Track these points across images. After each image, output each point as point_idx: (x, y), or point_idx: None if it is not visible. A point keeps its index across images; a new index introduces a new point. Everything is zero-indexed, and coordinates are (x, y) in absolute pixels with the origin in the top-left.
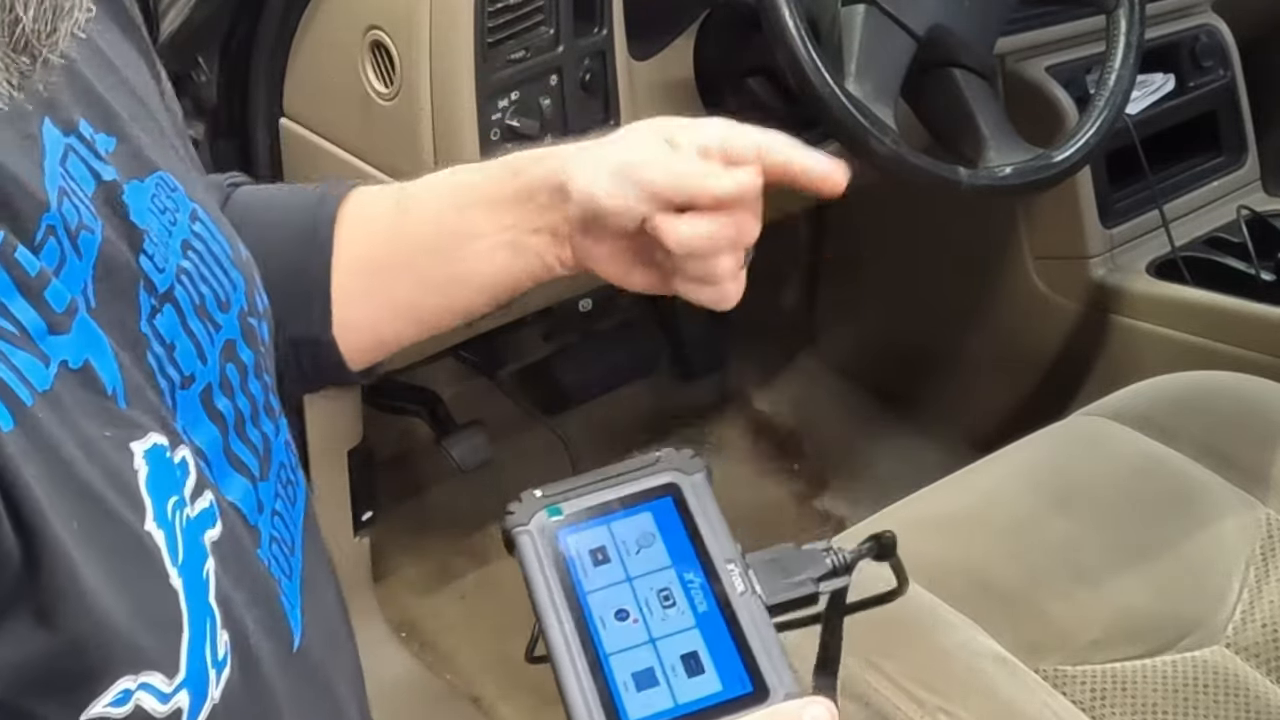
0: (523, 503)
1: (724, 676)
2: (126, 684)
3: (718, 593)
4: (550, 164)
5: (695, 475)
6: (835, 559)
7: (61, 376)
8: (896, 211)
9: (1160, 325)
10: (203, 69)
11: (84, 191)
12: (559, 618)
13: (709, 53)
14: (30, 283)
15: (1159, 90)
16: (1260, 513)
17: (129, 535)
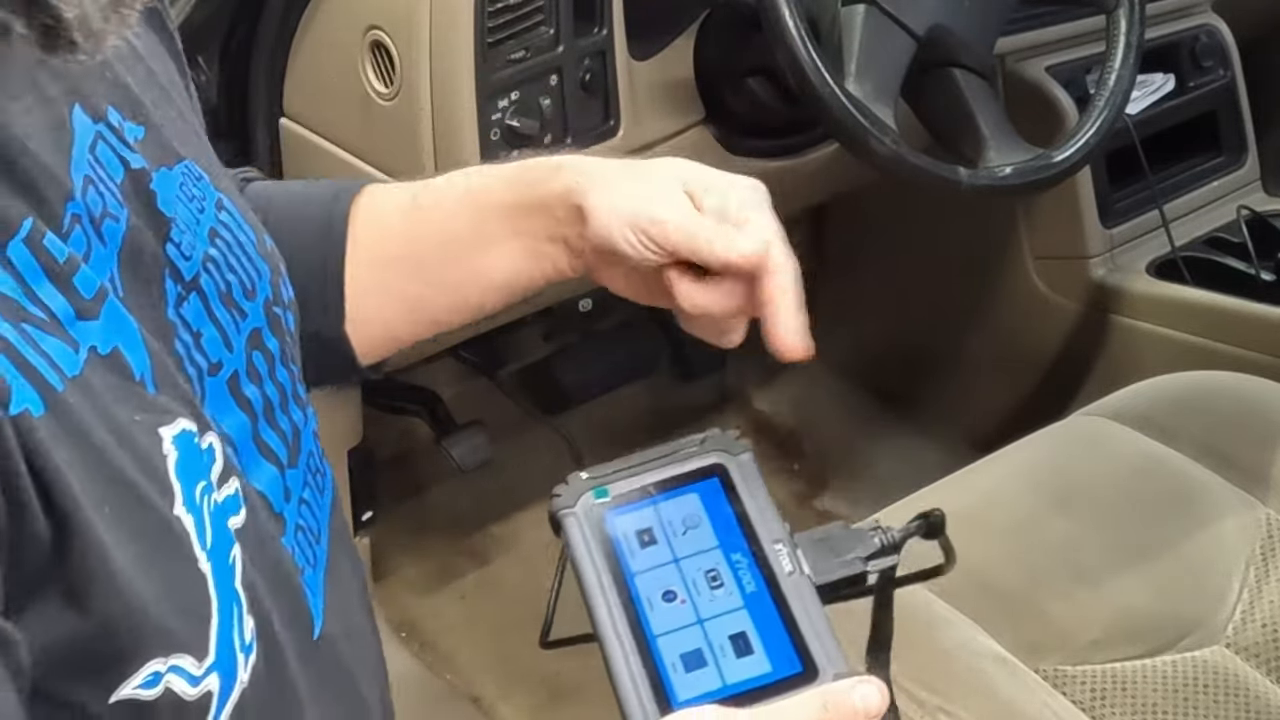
0: (569, 485)
1: (773, 657)
2: (157, 666)
3: (766, 573)
4: (568, 180)
5: (741, 456)
6: (884, 538)
7: (91, 362)
8: (896, 211)
9: (1160, 325)
10: (203, 69)
11: (112, 179)
12: (606, 599)
13: (709, 53)
14: (59, 269)
15: (1159, 90)
16: (1260, 513)
17: (158, 519)
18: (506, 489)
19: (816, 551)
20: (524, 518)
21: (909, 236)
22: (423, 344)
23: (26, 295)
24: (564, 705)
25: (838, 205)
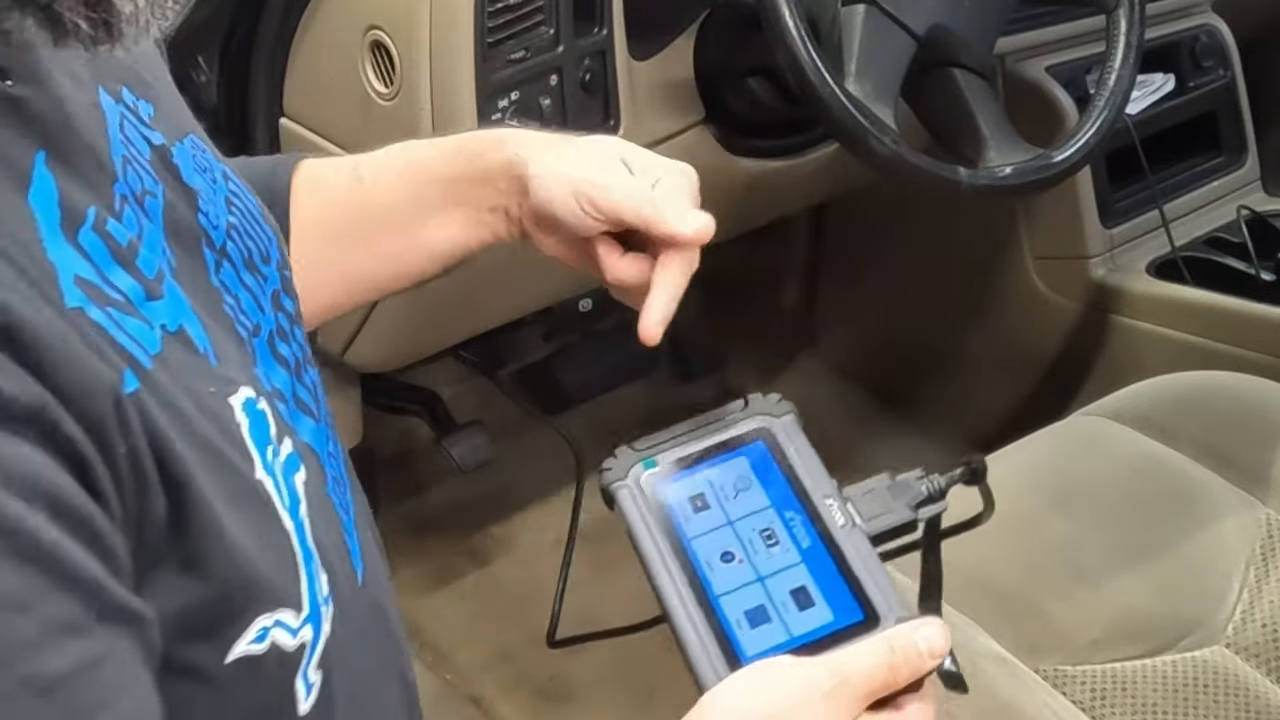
0: (618, 458)
1: (834, 607)
2: (264, 622)
3: (819, 528)
4: (509, 153)
5: (785, 417)
6: (930, 485)
7: (165, 340)
8: (896, 211)
9: (1160, 325)
10: (203, 69)
11: (143, 156)
12: (666, 566)
13: (709, 53)
14: (123, 253)
15: (1159, 90)
16: (1260, 513)
17: (247, 485)
18: (506, 489)
19: (866, 503)
20: (524, 518)
21: (909, 236)
22: (422, 344)
23: (102, 280)
24: (564, 705)
25: (838, 205)
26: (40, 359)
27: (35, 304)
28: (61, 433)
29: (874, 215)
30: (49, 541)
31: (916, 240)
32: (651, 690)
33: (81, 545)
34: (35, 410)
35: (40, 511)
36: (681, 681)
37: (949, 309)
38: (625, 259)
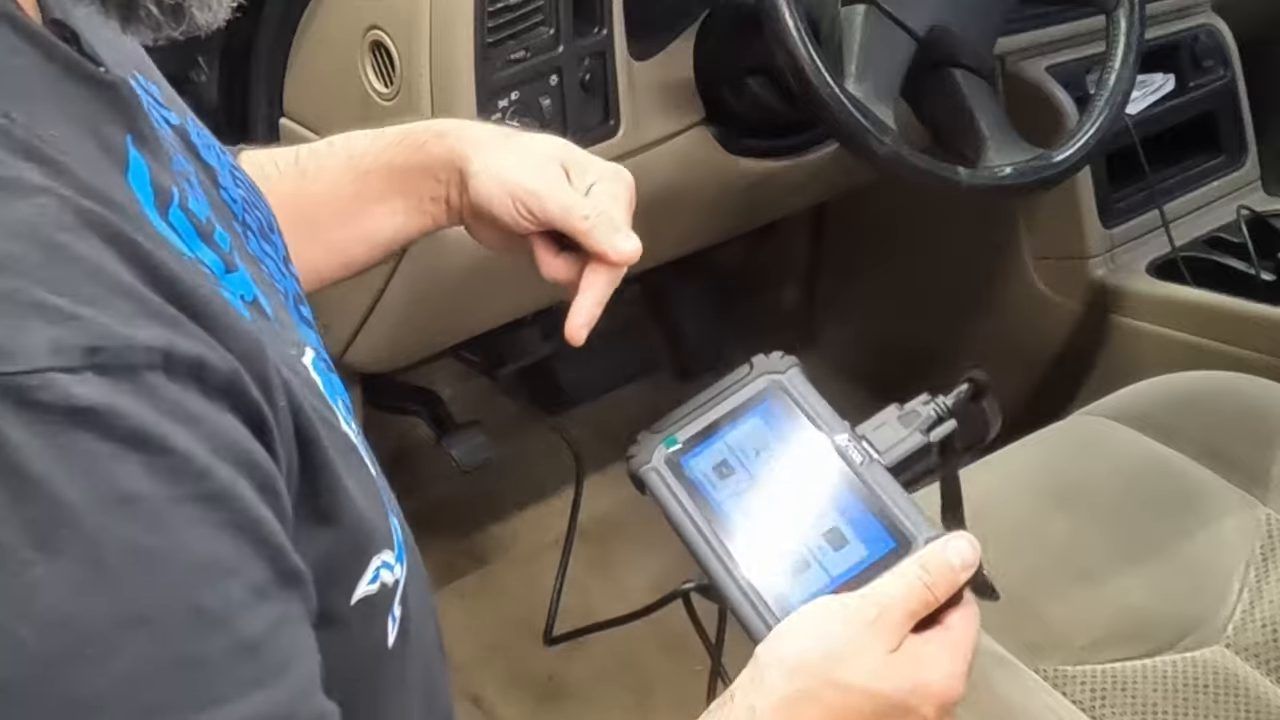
0: (640, 443)
1: (867, 541)
2: (376, 563)
3: (841, 469)
4: (450, 146)
5: (790, 371)
6: (937, 407)
7: (249, 309)
8: (896, 211)
9: (1160, 325)
10: (203, 69)
11: (170, 137)
12: (704, 536)
13: (709, 53)
14: (205, 228)
15: (1159, 90)
16: (1260, 513)
17: (342, 437)
18: (506, 489)
19: (879, 436)
20: (524, 518)
21: (909, 236)
22: (422, 345)
23: (194, 257)
24: (564, 705)
25: (838, 205)
26: (218, 326)
27: (191, 272)
28: (249, 397)
29: (874, 215)
30: (254, 509)
31: (916, 240)
32: (650, 689)
33: (271, 509)
34: (230, 378)
35: (244, 479)
36: (681, 681)
37: (949, 309)
38: (559, 258)
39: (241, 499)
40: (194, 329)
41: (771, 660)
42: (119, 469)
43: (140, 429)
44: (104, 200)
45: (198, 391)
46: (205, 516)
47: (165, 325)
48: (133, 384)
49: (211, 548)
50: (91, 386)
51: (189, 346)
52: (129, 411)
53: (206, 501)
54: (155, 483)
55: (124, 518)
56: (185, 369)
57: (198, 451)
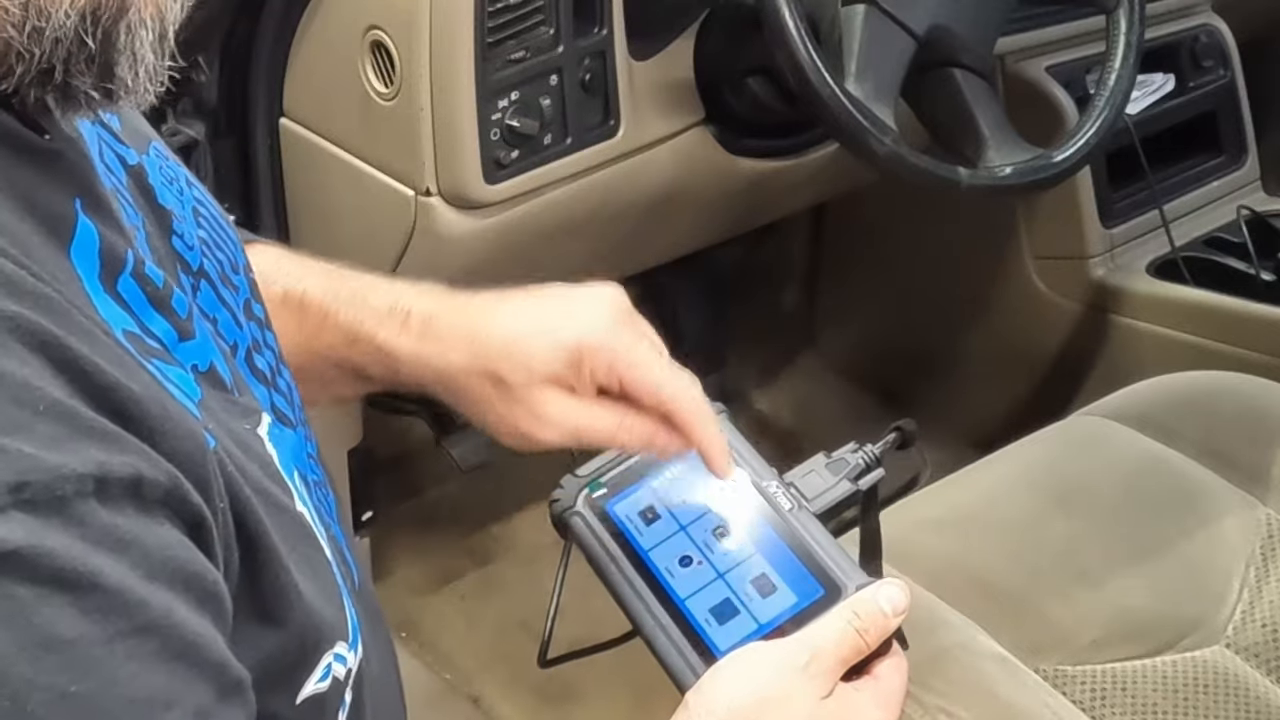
0: (564, 488)
1: (795, 588)
2: (327, 659)
3: (769, 515)
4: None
5: (717, 418)
6: (865, 456)
7: (200, 383)
8: (896, 211)
9: (1160, 325)
10: (203, 69)
11: (122, 183)
12: (629, 582)
13: (709, 53)
14: (160, 294)
15: (1159, 90)
16: (1260, 513)
17: (295, 521)
18: (506, 489)
19: (808, 484)
20: (524, 518)
21: (909, 236)
22: None
23: (142, 330)
24: (564, 705)
25: (838, 205)
26: (154, 430)
27: (128, 369)
28: (189, 503)
29: (874, 215)
30: (192, 632)
31: (916, 240)
32: (651, 690)
33: (211, 622)
34: (169, 488)
35: (183, 598)
36: None
37: (949, 309)
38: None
39: (179, 624)
40: (130, 441)
41: (702, 710)
42: (45, 613)
43: (68, 568)
44: (34, 296)
45: (134, 510)
46: (139, 651)
47: (98, 443)
48: (62, 517)
49: (147, 683)
50: (15, 525)
51: (124, 464)
52: (56, 549)
53: (141, 634)
54: (85, 623)
55: (50, 666)
56: (120, 489)
57: (131, 582)
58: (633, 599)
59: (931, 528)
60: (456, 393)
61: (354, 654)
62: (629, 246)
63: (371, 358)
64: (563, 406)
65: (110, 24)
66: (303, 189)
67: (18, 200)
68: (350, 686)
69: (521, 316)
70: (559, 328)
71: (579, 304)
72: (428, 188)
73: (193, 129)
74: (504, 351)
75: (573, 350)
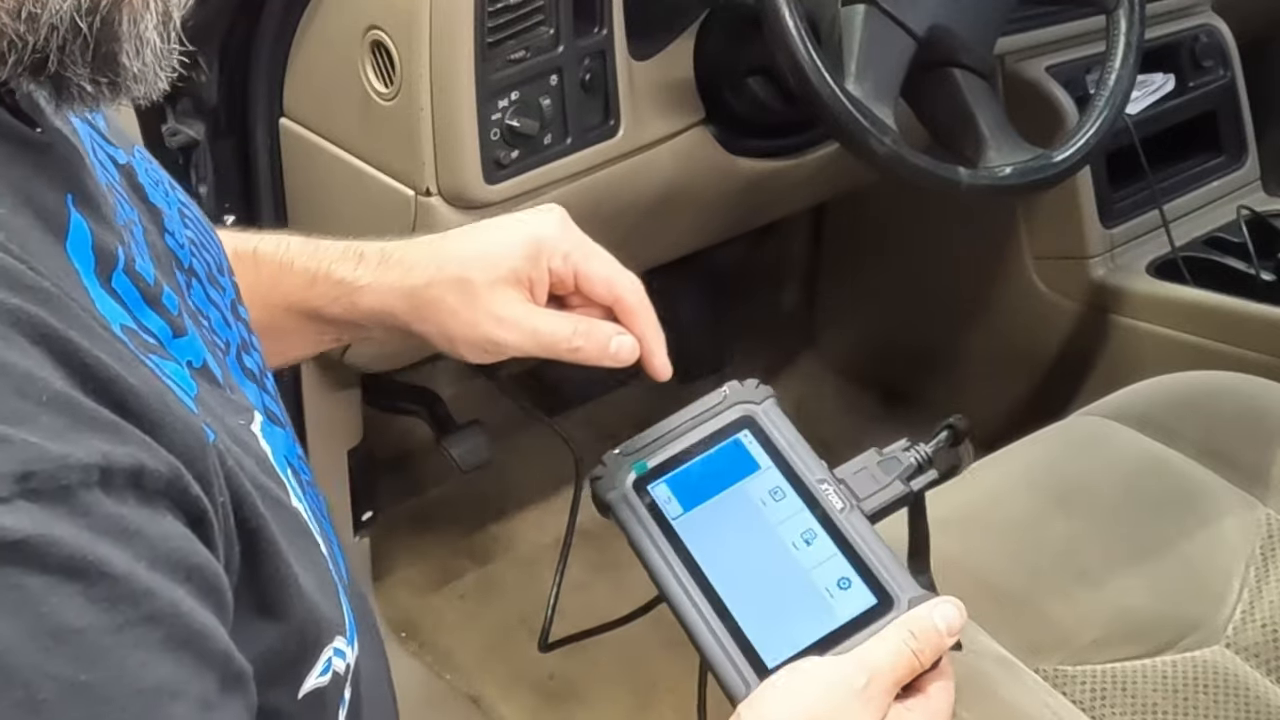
0: (607, 465)
1: (848, 597)
2: (327, 653)
3: (819, 514)
4: (385, 305)
5: (765, 403)
6: (918, 455)
7: (195, 378)
8: (896, 211)
9: (1160, 325)
10: (203, 69)
11: (115, 181)
12: (676, 575)
13: (709, 53)
14: (151, 292)
15: (1159, 90)
16: (1260, 513)
17: (292, 515)
18: (506, 489)
19: (859, 482)
20: (524, 518)
21: (909, 236)
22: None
23: (138, 325)
24: (564, 705)
25: (838, 205)
26: (158, 423)
27: (127, 363)
28: (190, 495)
29: (874, 215)
30: (198, 623)
31: (916, 240)
32: (652, 689)
33: (214, 613)
34: (170, 479)
35: (186, 588)
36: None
37: (949, 309)
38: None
39: (184, 614)
40: (132, 432)
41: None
42: (53, 602)
43: (76, 556)
44: (34, 291)
45: (136, 500)
46: (147, 640)
47: (101, 434)
48: (68, 506)
49: (155, 672)
50: (23, 515)
51: (126, 455)
52: (63, 538)
53: (148, 623)
54: (94, 612)
55: (60, 655)
56: (123, 479)
57: (137, 570)
58: (681, 597)
59: (931, 528)
60: (420, 308)
61: (352, 649)
62: (629, 246)
63: (331, 295)
64: (524, 309)
65: (109, 9)
66: (303, 189)
67: (15, 194)
68: (350, 682)
69: (479, 229)
70: (517, 228)
71: (531, 214)
72: (428, 188)
73: (193, 129)
74: (468, 255)
75: (531, 243)
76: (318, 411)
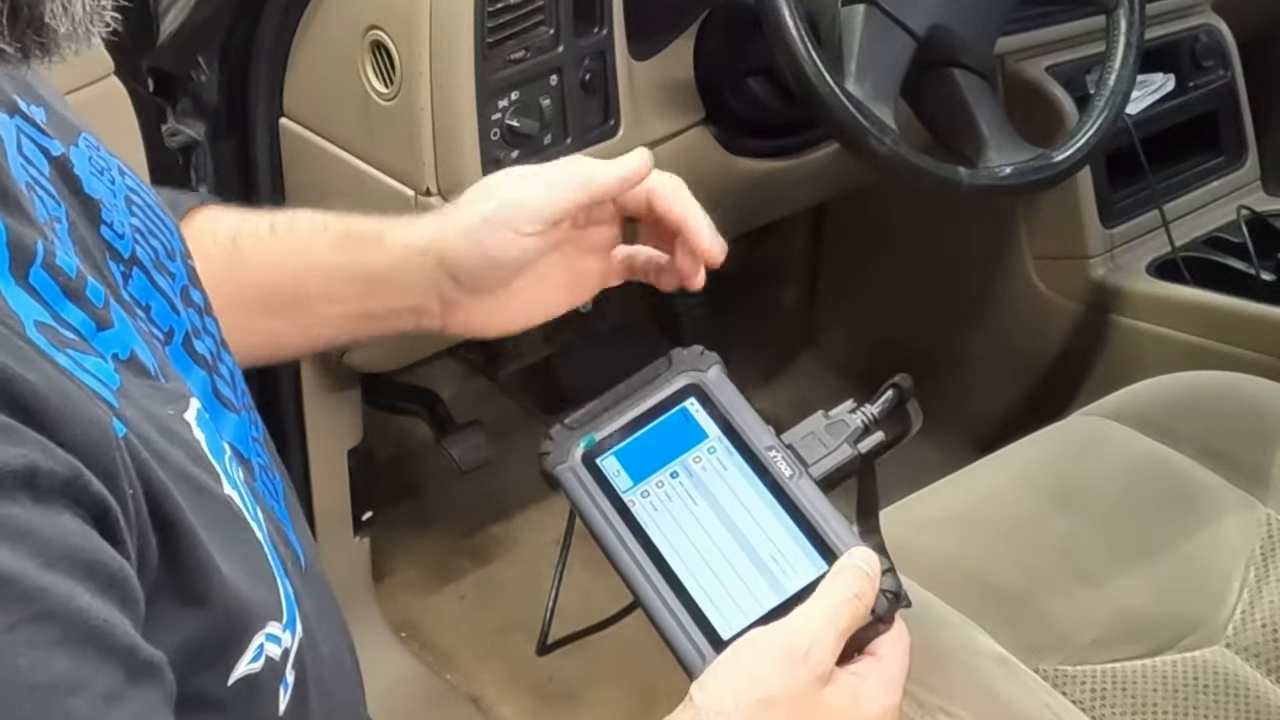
0: (554, 439)
1: (799, 564)
2: (259, 639)
3: (769, 482)
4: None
5: (711, 370)
6: (864, 417)
7: (120, 371)
8: (896, 211)
9: (1160, 325)
10: (203, 69)
11: (43, 174)
12: (627, 547)
13: (709, 53)
14: (72, 285)
15: (1159, 90)
16: (1260, 513)
17: (221, 504)
18: (506, 489)
19: (807, 447)
20: (524, 518)
21: (909, 236)
22: (422, 345)
23: (56, 320)
24: (564, 705)
25: (838, 205)
26: (53, 421)
27: (27, 361)
28: (90, 492)
29: (874, 215)
30: (97, 619)
31: (916, 240)
32: (652, 689)
33: (118, 608)
34: (67, 478)
35: (84, 585)
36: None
37: (949, 309)
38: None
39: (82, 610)
40: (24, 433)
41: (710, 711)
42: None
43: None
44: None
45: (29, 500)
46: (40, 638)
47: None
48: None
49: (49, 669)
50: None
51: (16, 456)
52: None
53: (40, 622)
54: None
55: None
56: (14, 481)
57: (28, 570)
58: (633, 569)
59: (931, 528)
60: (455, 222)
61: (290, 634)
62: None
63: (365, 239)
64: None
65: None
66: (303, 189)
67: None
68: (291, 666)
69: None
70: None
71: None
72: (428, 188)
73: (193, 129)
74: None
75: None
76: (318, 411)
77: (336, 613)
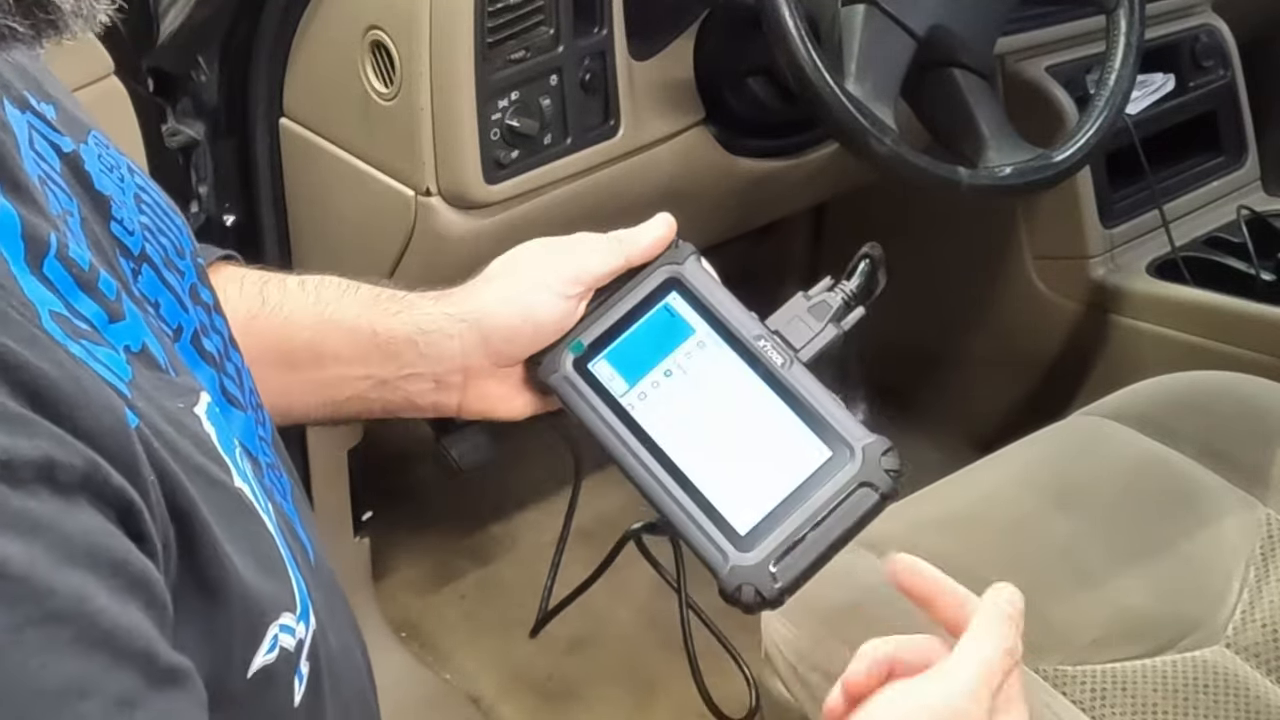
0: (545, 351)
1: (803, 452)
2: (274, 631)
3: (762, 372)
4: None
5: (688, 261)
6: (844, 293)
7: (132, 363)
8: (897, 211)
9: (1160, 325)
10: (203, 69)
11: (54, 170)
12: (632, 451)
13: (709, 53)
14: (87, 277)
15: (1159, 90)
16: (1260, 513)
17: (233, 497)
18: (506, 489)
19: (793, 332)
20: (524, 518)
21: (909, 236)
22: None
23: (70, 311)
24: (564, 705)
25: (838, 205)
26: (69, 413)
27: (42, 351)
28: (111, 487)
29: (874, 215)
30: (111, 618)
31: (916, 240)
32: (651, 689)
33: (140, 610)
34: (86, 471)
35: (104, 584)
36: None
37: (949, 309)
38: None
39: (95, 611)
40: (40, 425)
41: None
42: None
43: None
44: None
45: (48, 493)
46: (50, 639)
47: (4, 429)
48: None
49: (59, 672)
50: None
51: (32, 448)
52: None
53: (51, 622)
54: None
55: None
56: (30, 473)
57: (40, 567)
58: (642, 473)
59: (931, 528)
60: (471, 307)
61: (304, 625)
62: None
63: (392, 310)
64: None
65: None
66: (303, 189)
67: None
68: (306, 657)
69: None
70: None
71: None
72: (428, 188)
73: (193, 129)
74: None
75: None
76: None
77: (345, 607)
